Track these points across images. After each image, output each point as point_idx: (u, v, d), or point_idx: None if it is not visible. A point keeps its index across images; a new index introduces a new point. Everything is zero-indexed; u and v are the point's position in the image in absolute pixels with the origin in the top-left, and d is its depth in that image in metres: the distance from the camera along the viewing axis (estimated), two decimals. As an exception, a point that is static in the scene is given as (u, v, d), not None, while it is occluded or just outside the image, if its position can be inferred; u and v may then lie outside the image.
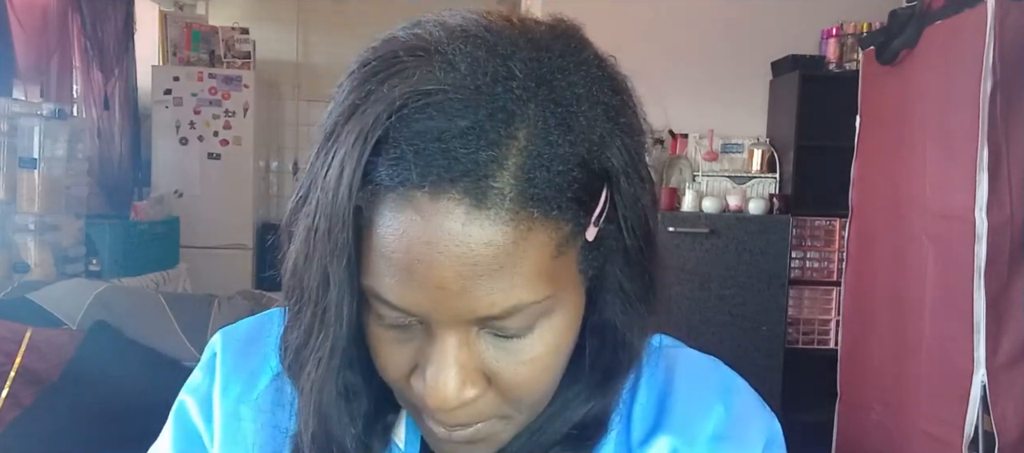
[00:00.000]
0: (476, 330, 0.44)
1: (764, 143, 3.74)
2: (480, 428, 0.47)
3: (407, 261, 0.41)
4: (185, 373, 0.61)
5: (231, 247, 4.43)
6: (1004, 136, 1.89)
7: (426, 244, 0.40)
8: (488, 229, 0.40)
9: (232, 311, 2.17)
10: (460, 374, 0.44)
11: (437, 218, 0.40)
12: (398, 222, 0.41)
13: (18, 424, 1.83)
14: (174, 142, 4.32)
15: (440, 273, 0.41)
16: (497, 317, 0.42)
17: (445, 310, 0.42)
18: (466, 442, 0.48)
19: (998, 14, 1.86)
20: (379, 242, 0.42)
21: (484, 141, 0.40)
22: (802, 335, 3.55)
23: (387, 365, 0.47)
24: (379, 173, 0.41)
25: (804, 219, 3.50)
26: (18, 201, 2.78)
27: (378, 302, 0.44)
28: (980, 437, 1.94)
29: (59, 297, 2.14)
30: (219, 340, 0.61)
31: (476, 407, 0.45)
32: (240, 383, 0.57)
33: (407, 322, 0.44)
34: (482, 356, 0.45)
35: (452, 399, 0.44)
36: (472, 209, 0.40)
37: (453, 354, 0.44)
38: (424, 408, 0.46)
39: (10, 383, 1.88)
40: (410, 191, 0.40)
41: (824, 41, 3.63)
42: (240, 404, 0.57)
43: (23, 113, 2.82)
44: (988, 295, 1.90)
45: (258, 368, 0.58)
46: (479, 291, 0.41)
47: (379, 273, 0.42)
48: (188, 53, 4.44)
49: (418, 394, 0.46)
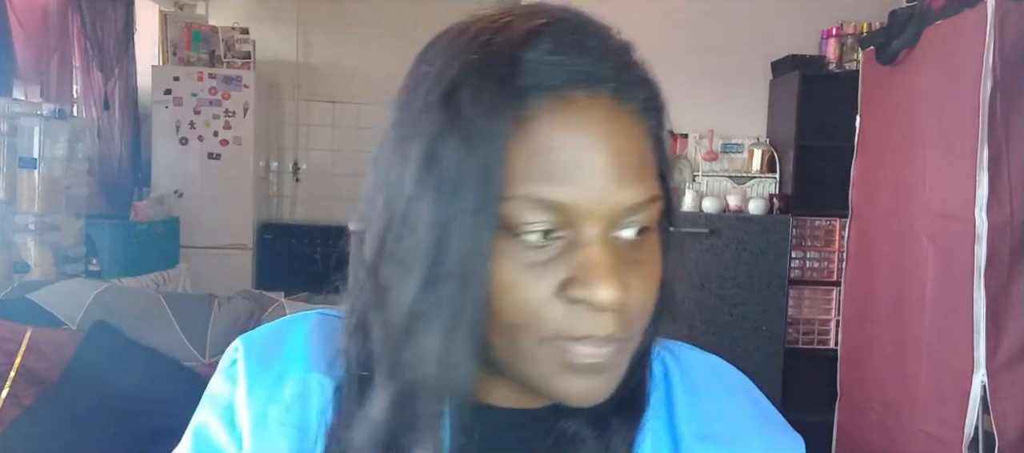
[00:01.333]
0: (612, 234, 0.47)
1: (764, 143, 3.74)
2: (616, 353, 0.48)
3: (570, 155, 0.46)
4: (185, 373, 0.61)
5: (231, 247, 4.43)
6: (1004, 136, 1.89)
7: (587, 135, 0.46)
8: (630, 123, 0.48)
9: (232, 311, 2.17)
10: (619, 272, 0.46)
11: (591, 111, 0.46)
12: (556, 122, 0.46)
13: (18, 424, 1.83)
14: (174, 142, 4.32)
15: (601, 161, 0.46)
16: (641, 206, 0.47)
17: (605, 199, 0.46)
18: (602, 366, 0.48)
19: (998, 14, 1.86)
20: (536, 145, 0.46)
21: (617, 56, 0.48)
22: (802, 335, 3.55)
23: (528, 294, 0.47)
24: (530, 81, 0.46)
25: (804, 219, 3.50)
26: (18, 201, 2.78)
27: (529, 211, 0.46)
28: (980, 437, 1.94)
29: (59, 297, 2.14)
30: (241, 346, 0.60)
31: (619, 317, 0.47)
32: (266, 386, 0.57)
33: (548, 240, 0.47)
34: (621, 259, 0.47)
35: (618, 296, 0.45)
36: (617, 105, 0.47)
37: (610, 252, 0.46)
38: (574, 327, 0.47)
39: (10, 383, 1.88)
40: (564, 91, 0.46)
41: (824, 41, 3.63)
42: (268, 405, 0.56)
43: (23, 113, 2.82)
44: (988, 295, 1.90)
45: (283, 371, 0.57)
46: (630, 178, 0.47)
47: (537, 176, 0.46)
48: (188, 53, 4.43)
49: (564, 314, 0.47)
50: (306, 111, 5.10)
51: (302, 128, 5.13)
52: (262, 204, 4.76)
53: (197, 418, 0.60)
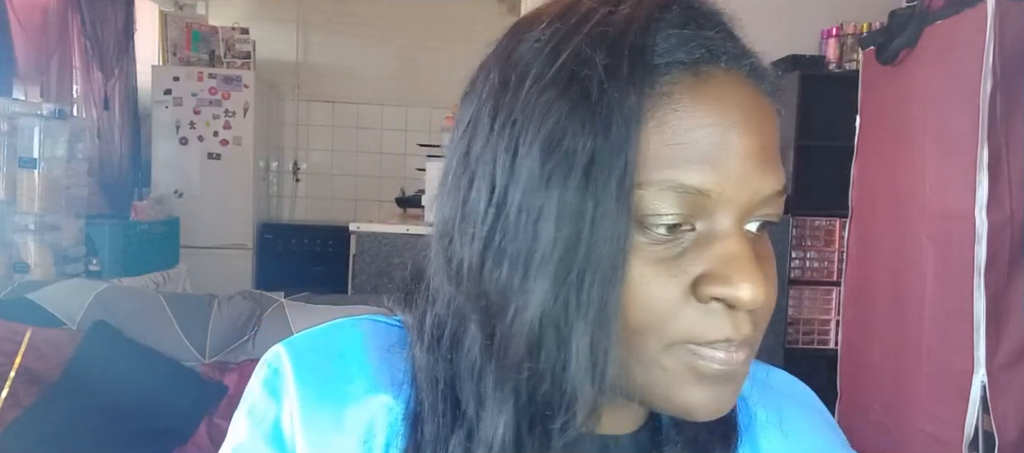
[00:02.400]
0: (746, 226, 0.43)
1: (764, 143, 3.74)
2: (747, 360, 0.44)
3: (714, 135, 0.41)
4: (185, 373, 0.58)
5: (231, 247, 4.43)
6: (1004, 136, 1.89)
7: (732, 114, 0.41)
8: (766, 105, 0.43)
9: (232, 311, 2.17)
10: (762, 267, 0.42)
11: (732, 89, 0.42)
12: (698, 99, 0.41)
13: (18, 424, 1.83)
14: (174, 142, 4.32)
15: (745, 143, 0.41)
16: (776, 196, 0.43)
17: (747, 185, 0.41)
18: (730, 375, 0.43)
19: (998, 14, 1.86)
20: (674, 125, 0.40)
21: (734, 31, 0.44)
22: (802, 335, 3.55)
23: (660, 290, 0.41)
24: (666, 56, 0.41)
25: (804, 219, 3.50)
26: (18, 201, 2.78)
27: (662, 201, 0.40)
28: (980, 437, 1.94)
29: (59, 297, 2.14)
30: (286, 356, 0.51)
31: (751, 318, 0.43)
32: (327, 411, 0.48)
33: (680, 232, 0.41)
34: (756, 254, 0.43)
35: (764, 292, 0.41)
36: (755, 85, 0.43)
37: (749, 246, 0.42)
38: (707, 330, 0.42)
39: (10, 383, 1.88)
40: (704, 67, 0.41)
41: (824, 41, 3.63)
42: (330, 433, 0.48)
43: (23, 113, 2.82)
44: (988, 295, 1.90)
45: (342, 393, 0.49)
46: (770, 164, 0.42)
47: (675, 159, 0.40)
48: (188, 53, 4.43)
49: (698, 315, 0.42)
50: (306, 111, 5.10)
51: (302, 128, 5.13)
52: (262, 204, 4.76)
53: (236, 436, 0.50)
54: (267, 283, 4.17)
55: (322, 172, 5.15)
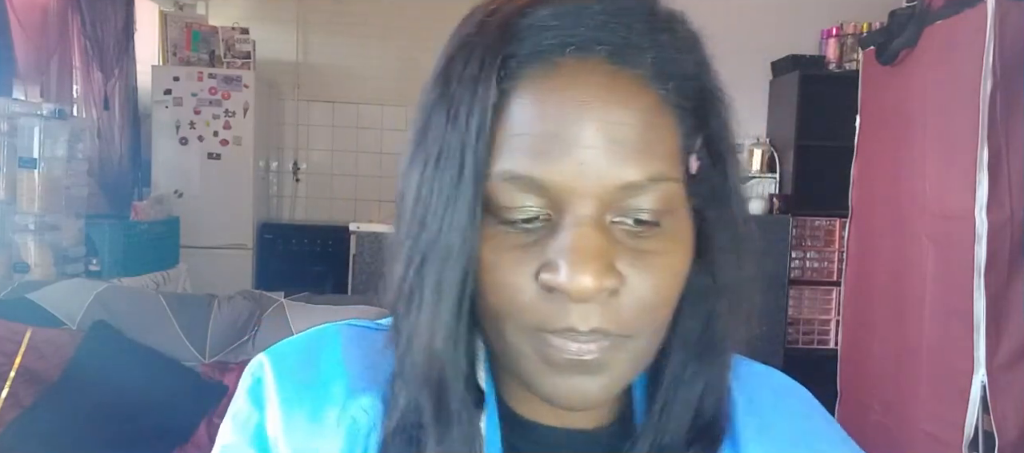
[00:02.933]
0: (610, 218, 0.42)
1: (764, 143, 3.74)
2: (606, 350, 0.43)
3: (553, 126, 0.41)
4: (185, 373, 0.59)
5: (231, 247, 4.43)
6: (1004, 136, 1.89)
7: (574, 104, 0.41)
8: (631, 91, 0.41)
9: (232, 311, 2.17)
10: (599, 256, 0.41)
11: (582, 77, 0.41)
12: (541, 89, 0.41)
13: (18, 424, 1.83)
14: (174, 142, 4.31)
15: (588, 132, 0.41)
16: (639, 185, 0.41)
17: (591, 176, 0.41)
18: (590, 365, 0.43)
19: (998, 14, 1.86)
20: (518, 117, 0.42)
21: (625, 15, 0.42)
22: (802, 335, 3.55)
23: (509, 276, 0.43)
24: (516, 49, 0.42)
25: (804, 219, 3.50)
26: (18, 201, 2.78)
27: (510, 191, 0.42)
28: (980, 437, 1.94)
29: (59, 297, 2.14)
30: (268, 364, 0.53)
31: (612, 310, 0.42)
32: (305, 413, 0.50)
33: (534, 218, 0.43)
34: (617, 247, 0.42)
35: (593, 282, 0.40)
36: (616, 70, 0.41)
37: (593, 235, 0.41)
38: (551, 317, 0.42)
39: (10, 383, 1.88)
40: (553, 57, 0.42)
41: (824, 41, 3.63)
42: (310, 435, 0.50)
43: (23, 113, 2.82)
44: (988, 295, 1.90)
45: (322, 395, 0.51)
46: (624, 152, 0.41)
47: (516, 151, 0.41)
48: (188, 53, 4.43)
49: (542, 303, 0.42)
50: (306, 111, 5.10)
51: (302, 128, 5.12)
52: (262, 204, 4.76)
53: (222, 440, 0.53)
54: (267, 283, 4.17)
55: (322, 172, 5.14)
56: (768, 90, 3.79)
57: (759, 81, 3.78)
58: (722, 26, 3.12)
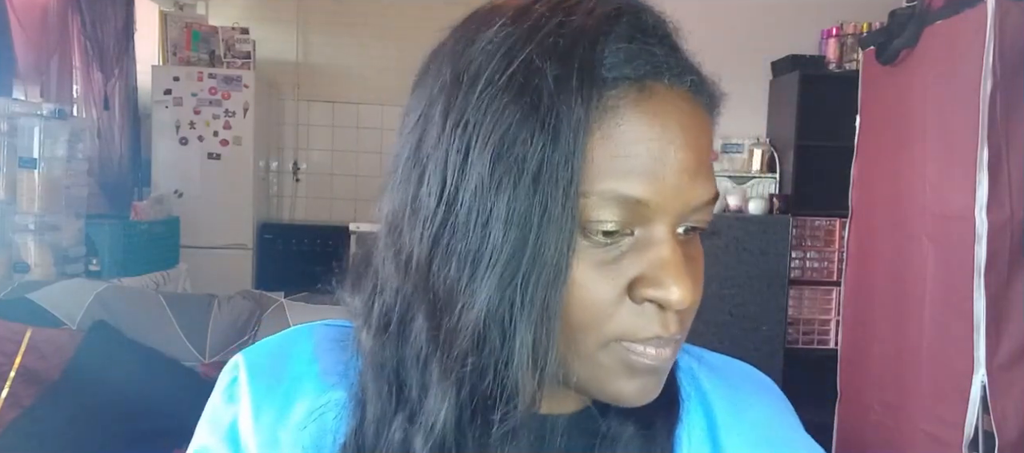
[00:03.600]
0: (679, 231, 0.46)
1: (764, 143, 3.74)
2: (674, 354, 0.48)
3: (659, 147, 0.43)
4: (185, 373, 0.60)
5: (231, 247, 4.43)
6: (1004, 136, 1.88)
7: (672, 130, 0.44)
8: (704, 119, 0.46)
9: (232, 311, 2.17)
10: (690, 271, 0.45)
11: (675, 104, 0.44)
12: (642, 112, 0.43)
13: (18, 424, 1.83)
14: (174, 142, 4.32)
15: (683, 155, 0.44)
16: (707, 204, 0.46)
17: (680, 196, 0.44)
18: (661, 369, 0.47)
19: (998, 14, 1.86)
20: (619, 138, 0.43)
21: (684, 49, 0.46)
22: (802, 335, 3.55)
23: (597, 294, 0.44)
24: (612, 71, 0.43)
25: (804, 219, 3.50)
26: (18, 201, 2.78)
27: (608, 209, 0.43)
28: (980, 437, 1.94)
29: (59, 297, 2.14)
30: (242, 363, 0.55)
31: (682, 317, 0.47)
32: (274, 408, 0.52)
33: (618, 237, 0.44)
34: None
35: (692, 292, 0.44)
36: (693, 100, 0.46)
37: (677, 248, 0.45)
38: (639, 328, 0.45)
39: (10, 383, 1.88)
40: (646, 84, 0.44)
41: (824, 41, 3.63)
42: (277, 430, 0.52)
43: (23, 113, 2.82)
44: (988, 295, 1.90)
45: (292, 390, 0.53)
46: (704, 174, 0.45)
47: (616, 172, 0.43)
48: (188, 53, 4.43)
49: (631, 316, 0.45)
50: (306, 111, 5.10)
51: (302, 128, 5.12)
52: (262, 204, 4.76)
53: (199, 439, 0.55)
54: (267, 283, 4.17)
55: (322, 172, 5.14)
56: (768, 90, 3.79)
57: (759, 81, 3.78)
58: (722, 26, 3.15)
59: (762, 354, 3.28)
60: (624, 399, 0.47)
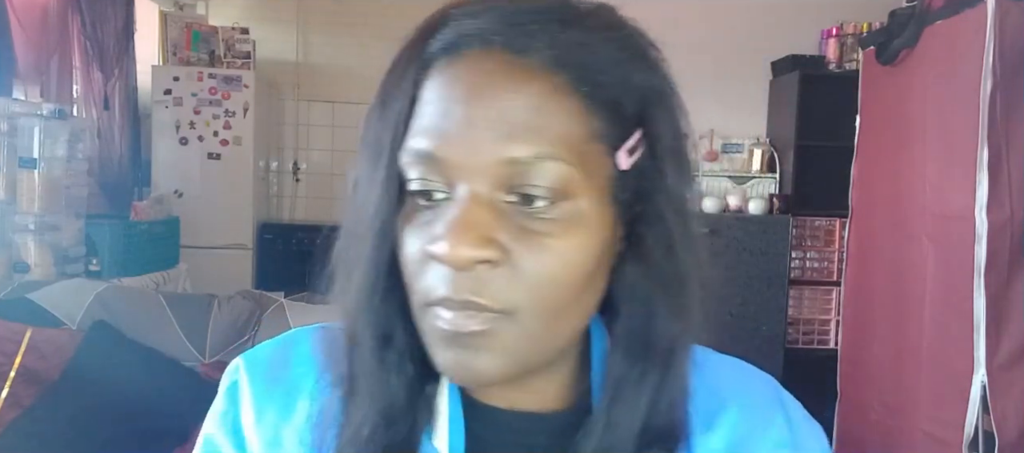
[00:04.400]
0: (502, 197, 0.45)
1: (764, 143, 3.74)
2: (486, 323, 0.45)
3: (446, 105, 0.45)
4: (185, 373, 0.61)
5: (231, 247, 4.43)
6: (1004, 136, 1.89)
7: (467, 86, 0.45)
8: (524, 75, 0.44)
9: (232, 311, 2.17)
10: (479, 227, 0.44)
11: (480, 64, 0.45)
12: (446, 77, 0.46)
13: (18, 424, 1.83)
14: (174, 142, 4.31)
15: (479, 112, 0.44)
16: (524, 162, 0.44)
17: (480, 153, 0.44)
18: (473, 340, 0.45)
19: (998, 14, 1.86)
20: (425, 102, 0.46)
21: (532, 16, 0.45)
22: (802, 335, 3.55)
23: (408, 250, 0.46)
24: (433, 45, 0.47)
25: (804, 219, 3.50)
26: (18, 201, 2.78)
27: (415, 168, 0.46)
28: (980, 437, 1.94)
29: (59, 297, 2.14)
30: (242, 366, 0.57)
31: (487, 283, 0.44)
32: (275, 407, 0.55)
33: (436, 196, 0.46)
34: (504, 223, 0.45)
35: (466, 251, 0.43)
36: (512, 57, 0.45)
37: (474, 209, 0.44)
38: (433, 288, 0.45)
39: (10, 383, 1.88)
40: (460, 51, 0.46)
41: (824, 41, 3.63)
42: (280, 429, 0.54)
43: (23, 113, 2.82)
44: (988, 295, 1.90)
45: (293, 389, 0.55)
46: (511, 131, 0.44)
47: (420, 131, 0.46)
48: (188, 53, 4.43)
49: (428, 275, 0.46)
50: (306, 111, 5.10)
51: (302, 128, 5.12)
52: (262, 204, 4.75)
53: (204, 430, 0.57)
54: (267, 283, 4.16)
55: (322, 172, 5.14)
56: (768, 90, 3.79)
57: (759, 81, 3.77)
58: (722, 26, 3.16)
59: (762, 354, 3.28)
60: (446, 371, 0.47)
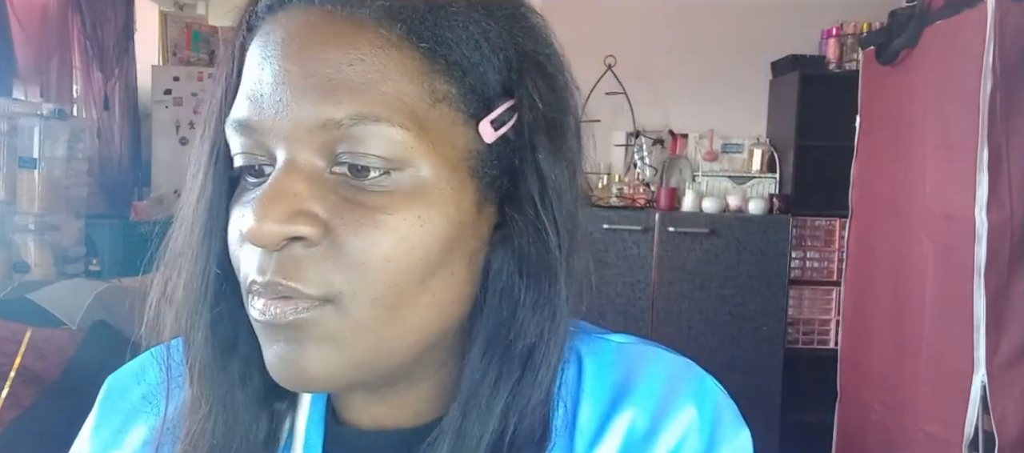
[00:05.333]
0: (327, 167, 0.39)
1: (764, 143, 3.74)
2: (304, 311, 0.38)
3: (260, 66, 0.40)
4: None
5: (231, 247, 4.44)
6: (1004, 136, 1.88)
7: (284, 43, 0.39)
8: (349, 27, 0.39)
9: (232, 311, 2.17)
10: (291, 200, 0.38)
11: (300, 18, 0.40)
12: (263, 36, 0.41)
13: (18, 424, 1.83)
14: (174, 142, 4.31)
15: (293, 70, 0.39)
16: (343, 123, 0.38)
17: (293, 115, 0.38)
18: (290, 332, 0.39)
19: (998, 14, 1.86)
20: (246, 68, 0.41)
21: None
22: (802, 335, 3.55)
23: (231, 233, 0.42)
24: (260, 8, 0.42)
25: (804, 219, 3.50)
26: (18, 201, 2.78)
27: (235, 140, 0.41)
28: (980, 437, 1.94)
29: (59, 297, 2.14)
30: (104, 386, 0.56)
31: (298, 266, 0.38)
32: (107, 432, 0.52)
33: (260, 169, 0.41)
34: (325, 196, 0.39)
35: (270, 226, 0.37)
36: (335, 11, 0.39)
37: (288, 177, 0.38)
38: (247, 275, 0.40)
39: (10, 383, 1.88)
40: (283, 8, 0.41)
41: (824, 41, 3.63)
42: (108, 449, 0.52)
43: (23, 113, 2.82)
44: (988, 295, 1.90)
45: (126, 422, 0.52)
46: (327, 89, 0.38)
47: (238, 99, 0.41)
48: (188, 53, 4.43)
49: (243, 258, 0.40)
50: (306, 111, 5.11)
51: (302, 128, 5.13)
52: (262, 204, 4.76)
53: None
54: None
55: (322, 172, 5.16)
56: (768, 90, 3.79)
57: (759, 81, 3.77)
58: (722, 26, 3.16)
59: (762, 354, 3.28)
60: (271, 370, 0.41)
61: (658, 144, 3.63)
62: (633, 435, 0.45)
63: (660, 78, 3.60)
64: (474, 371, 0.43)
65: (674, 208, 3.34)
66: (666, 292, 3.21)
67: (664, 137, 3.66)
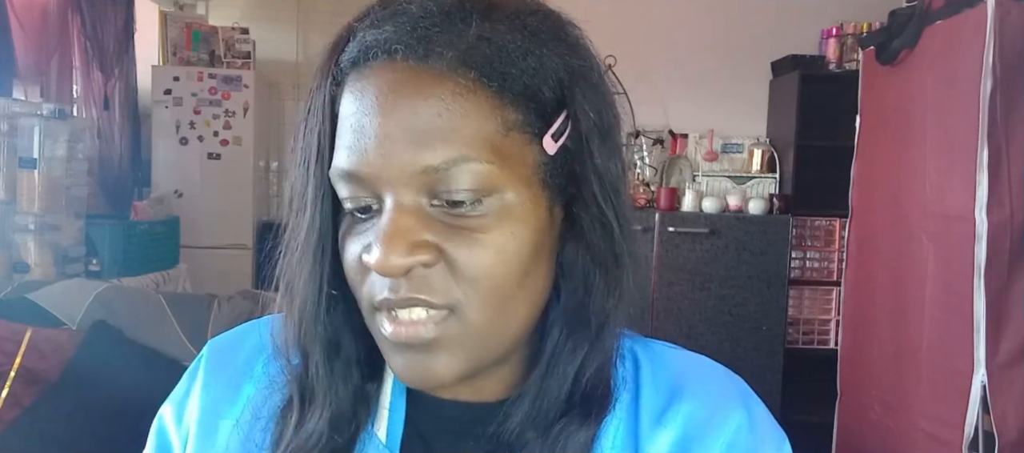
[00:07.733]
0: (428, 202, 0.46)
1: (764, 143, 3.74)
2: (431, 321, 0.46)
3: (359, 120, 0.46)
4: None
5: (231, 247, 4.43)
6: (1004, 136, 1.89)
7: (376, 99, 0.45)
8: (430, 82, 0.45)
9: (232, 311, 2.17)
10: (407, 235, 0.45)
11: (386, 75, 0.45)
12: (355, 92, 0.46)
13: (18, 424, 1.83)
14: (174, 142, 4.31)
15: (388, 123, 0.45)
16: (440, 168, 0.44)
17: (396, 165, 0.45)
18: (418, 342, 0.47)
19: (998, 14, 1.86)
20: (342, 118, 0.47)
21: (432, 19, 0.46)
22: (802, 335, 3.55)
23: (348, 261, 0.48)
24: (342, 58, 0.48)
25: (804, 219, 3.50)
26: (18, 201, 2.78)
27: (342, 185, 0.47)
28: (980, 437, 1.94)
29: (59, 297, 2.13)
30: (206, 349, 0.62)
31: (425, 281, 0.46)
32: (218, 389, 0.58)
33: (367, 207, 0.47)
34: (433, 225, 0.46)
35: (396, 259, 0.44)
36: (416, 66, 0.45)
37: (401, 216, 0.45)
38: (373, 295, 0.47)
39: (10, 383, 1.88)
40: (367, 64, 0.46)
41: (824, 41, 3.63)
42: (219, 412, 0.57)
43: (23, 113, 2.82)
44: (988, 295, 1.90)
45: (239, 375, 0.59)
46: (422, 140, 0.44)
47: (339, 149, 0.47)
48: (188, 53, 4.43)
49: (368, 283, 0.48)
50: (306, 111, 5.10)
51: (302, 128, 5.13)
52: (262, 204, 4.75)
53: (162, 407, 0.62)
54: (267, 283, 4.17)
55: (322, 172, 5.15)
56: (768, 90, 3.79)
57: (759, 81, 3.78)
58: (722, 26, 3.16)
59: (762, 354, 3.28)
60: (400, 376, 0.49)
61: (658, 144, 3.63)
62: (692, 421, 0.52)
63: (660, 78, 3.60)
64: (555, 346, 0.51)
65: (674, 208, 3.34)
66: (666, 292, 3.21)
67: (664, 137, 3.66)
